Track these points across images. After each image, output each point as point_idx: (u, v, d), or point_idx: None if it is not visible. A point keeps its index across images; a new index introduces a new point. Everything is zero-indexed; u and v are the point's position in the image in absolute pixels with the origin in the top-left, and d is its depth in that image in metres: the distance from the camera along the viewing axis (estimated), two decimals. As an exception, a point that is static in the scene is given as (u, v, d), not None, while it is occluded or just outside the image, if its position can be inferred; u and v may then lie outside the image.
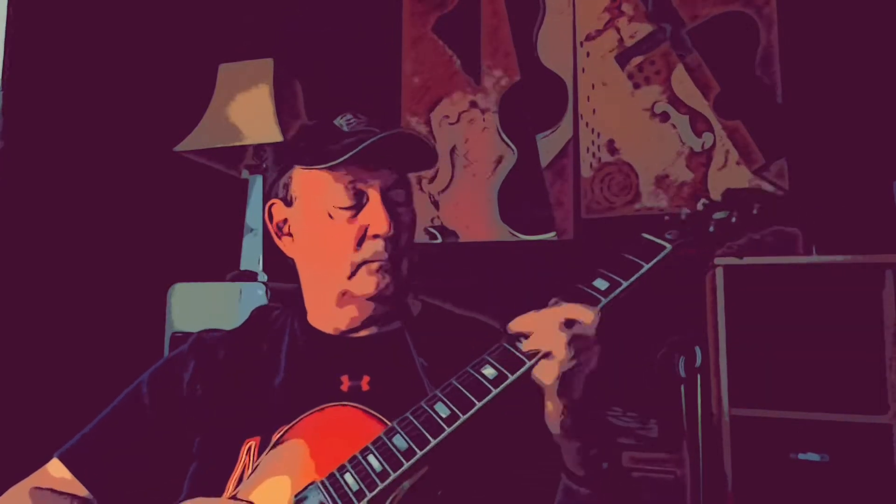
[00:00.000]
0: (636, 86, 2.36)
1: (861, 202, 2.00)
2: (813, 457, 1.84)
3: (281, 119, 2.12)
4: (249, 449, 0.95)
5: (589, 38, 2.44)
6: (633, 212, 2.31)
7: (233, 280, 2.16)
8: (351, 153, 0.95)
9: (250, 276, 2.17)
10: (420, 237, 2.55)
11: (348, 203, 0.99)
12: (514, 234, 2.43)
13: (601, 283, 0.86)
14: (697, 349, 1.82)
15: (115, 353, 2.10)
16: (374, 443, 0.82)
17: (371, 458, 0.81)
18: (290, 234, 1.07)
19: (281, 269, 2.15)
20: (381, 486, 0.79)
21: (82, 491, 1.04)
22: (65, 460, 1.05)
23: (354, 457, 0.82)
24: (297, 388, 0.99)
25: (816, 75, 2.12)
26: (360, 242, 0.99)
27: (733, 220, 0.90)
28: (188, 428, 1.03)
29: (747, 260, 1.91)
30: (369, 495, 0.79)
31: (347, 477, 0.81)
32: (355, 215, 1.00)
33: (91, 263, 2.33)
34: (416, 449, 0.79)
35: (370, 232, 0.99)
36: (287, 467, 0.89)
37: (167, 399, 1.06)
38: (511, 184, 2.46)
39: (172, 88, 2.46)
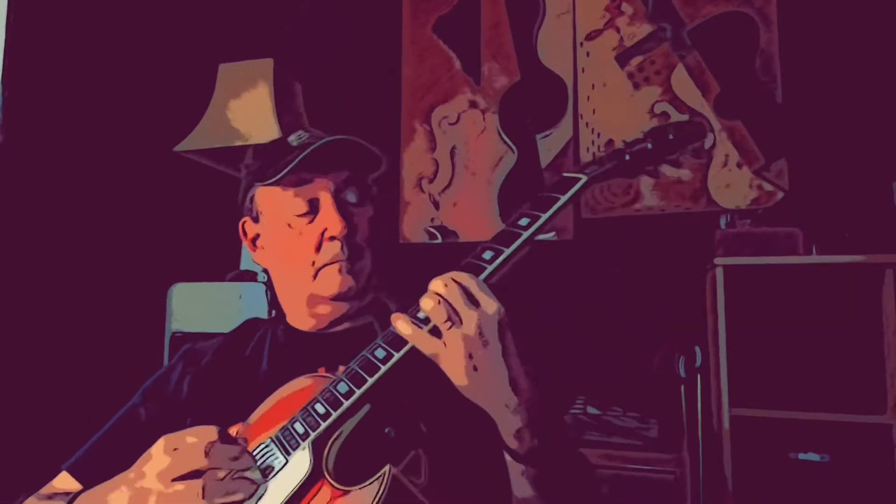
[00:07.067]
0: (636, 86, 2.36)
1: (861, 202, 2.00)
2: (813, 457, 1.84)
3: (281, 119, 2.13)
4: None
5: (589, 38, 2.44)
6: (633, 212, 2.31)
7: (233, 280, 2.17)
8: (288, 168, 1.02)
9: (250, 276, 2.18)
10: (420, 237, 2.55)
11: (303, 210, 1.06)
12: (514, 234, 2.43)
13: (524, 221, 1.00)
14: (697, 349, 1.82)
15: (116, 354, 2.10)
16: (321, 392, 0.91)
17: (317, 405, 0.90)
18: (262, 247, 1.15)
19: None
20: (323, 425, 0.87)
21: None
22: (73, 473, 1.08)
23: (304, 406, 0.91)
24: (278, 380, 1.03)
25: (816, 75, 2.12)
26: (318, 246, 1.06)
27: (649, 146, 1.00)
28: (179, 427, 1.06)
29: (747, 260, 1.92)
30: (313, 434, 0.87)
31: (297, 425, 0.90)
32: (312, 220, 1.06)
33: (91, 263, 2.33)
34: (354, 389, 0.87)
35: (326, 234, 1.06)
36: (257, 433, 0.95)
37: (159, 408, 1.11)
38: (511, 184, 2.46)
39: (172, 88, 2.46)
